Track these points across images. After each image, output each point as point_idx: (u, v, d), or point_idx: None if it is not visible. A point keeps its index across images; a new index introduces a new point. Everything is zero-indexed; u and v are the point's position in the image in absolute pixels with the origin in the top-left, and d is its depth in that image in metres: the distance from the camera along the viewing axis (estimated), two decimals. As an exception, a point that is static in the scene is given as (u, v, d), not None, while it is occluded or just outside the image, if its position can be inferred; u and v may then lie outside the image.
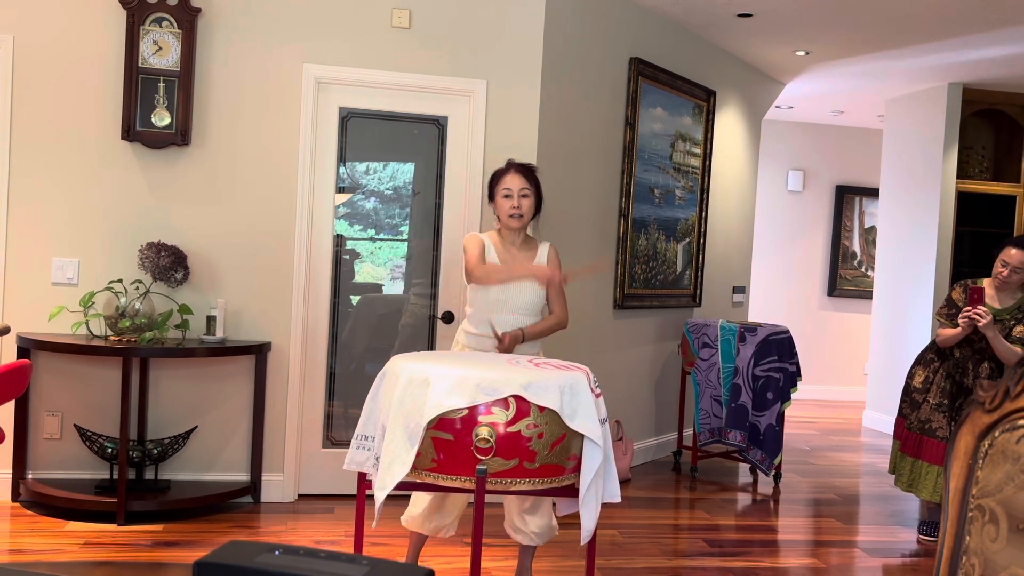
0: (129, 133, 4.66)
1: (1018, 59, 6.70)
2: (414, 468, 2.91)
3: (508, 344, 3.67)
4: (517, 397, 2.85)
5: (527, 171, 3.81)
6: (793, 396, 5.87)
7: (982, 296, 4.55)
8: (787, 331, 5.88)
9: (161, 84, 4.67)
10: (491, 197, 3.86)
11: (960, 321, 4.60)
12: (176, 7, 4.66)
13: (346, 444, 4.94)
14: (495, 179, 3.85)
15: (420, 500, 3.58)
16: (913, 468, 4.86)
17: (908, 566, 4.49)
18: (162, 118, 4.68)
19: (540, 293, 3.79)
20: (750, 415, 5.79)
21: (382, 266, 5.10)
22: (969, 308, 4.55)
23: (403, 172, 5.14)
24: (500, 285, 3.71)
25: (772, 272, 9.84)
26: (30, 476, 4.69)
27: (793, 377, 5.83)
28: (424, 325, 5.13)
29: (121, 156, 4.73)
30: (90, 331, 4.64)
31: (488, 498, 4.35)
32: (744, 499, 5.60)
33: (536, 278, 3.73)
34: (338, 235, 5.02)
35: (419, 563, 3.84)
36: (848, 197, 9.90)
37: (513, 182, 3.77)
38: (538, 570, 3.99)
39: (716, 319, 6.22)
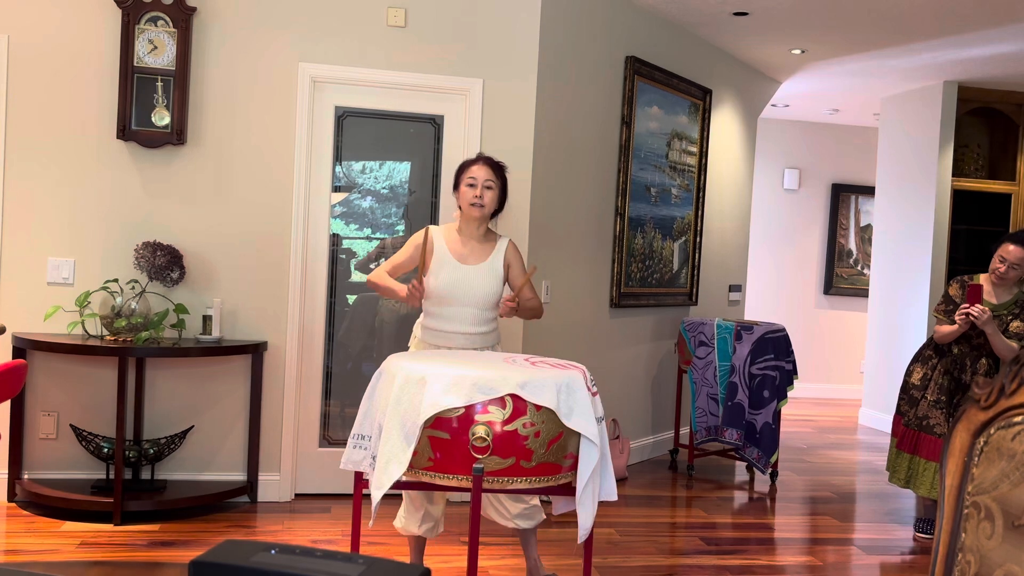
0: (124, 132, 4.65)
1: (1013, 57, 6.71)
2: (411, 467, 2.91)
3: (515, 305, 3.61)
4: (514, 396, 2.85)
5: (495, 165, 3.75)
6: (789, 394, 5.89)
7: (980, 294, 4.56)
8: (783, 329, 5.89)
9: (160, 83, 4.67)
10: (455, 186, 3.77)
11: (957, 318, 4.61)
12: (171, 6, 4.65)
13: (343, 443, 4.94)
14: (462, 168, 3.77)
15: (405, 503, 3.58)
16: (911, 464, 4.86)
17: (904, 563, 4.50)
18: (162, 117, 4.67)
19: (495, 286, 3.71)
20: (746, 413, 5.80)
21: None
22: (967, 305, 4.55)
23: (399, 171, 5.14)
24: (454, 276, 3.64)
25: (768, 270, 9.85)
26: (26, 476, 4.68)
27: (789, 375, 5.84)
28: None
29: (117, 155, 4.72)
30: (86, 331, 4.63)
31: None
32: (740, 497, 5.60)
33: (403, 300, 3.67)
34: (334, 234, 5.01)
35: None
36: (844, 195, 9.91)
37: (479, 172, 3.70)
38: (535, 569, 3.99)
39: (712, 317, 6.23)
